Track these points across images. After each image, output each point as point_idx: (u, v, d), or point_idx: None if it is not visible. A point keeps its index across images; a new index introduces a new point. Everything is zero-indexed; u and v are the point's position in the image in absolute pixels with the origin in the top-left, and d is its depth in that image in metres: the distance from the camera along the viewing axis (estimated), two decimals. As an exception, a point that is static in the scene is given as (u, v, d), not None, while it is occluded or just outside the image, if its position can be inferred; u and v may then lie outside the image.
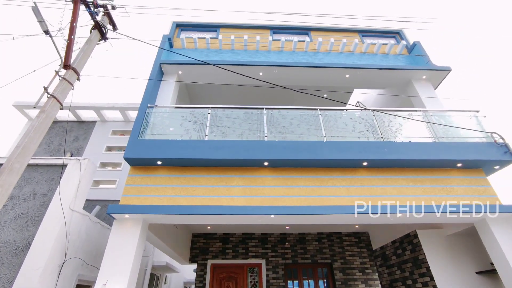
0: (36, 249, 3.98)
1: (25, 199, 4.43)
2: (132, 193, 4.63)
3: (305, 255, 9.06)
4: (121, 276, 3.93)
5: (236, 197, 4.62)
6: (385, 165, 5.04)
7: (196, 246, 8.99)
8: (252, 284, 8.48)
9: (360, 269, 8.88)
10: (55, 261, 4.16)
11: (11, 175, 3.09)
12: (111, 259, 4.07)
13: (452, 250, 5.86)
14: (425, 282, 5.74)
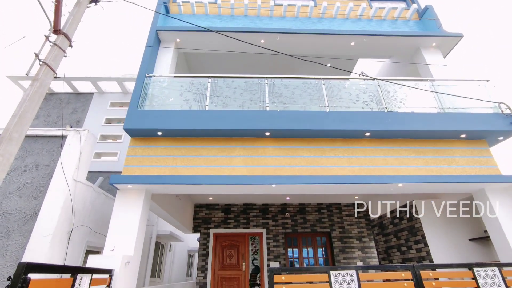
0: (44, 217, 4.08)
1: (28, 169, 4.46)
2: (134, 164, 4.64)
3: (305, 224, 9.35)
4: (127, 243, 4.06)
5: (238, 167, 4.63)
6: (388, 136, 4.99)
7: (198, 217, 9.26)
8: (254, 251, 8.85)
9: (358, 237, 9.21)
10: (63, 228, 4.28)
11: (11, 144, 3.05)
12: (116, 227, 4.19)
13: (447, 219, 6.00)
14: (419, 249, 5.96)
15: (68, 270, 2.31)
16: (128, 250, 3.99)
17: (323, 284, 3.56)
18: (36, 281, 1.75)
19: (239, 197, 8.86)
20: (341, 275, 3.59)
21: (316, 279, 3.69)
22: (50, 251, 3.93)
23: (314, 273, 3.87)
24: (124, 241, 4.07)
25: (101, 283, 3.18)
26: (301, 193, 5.17)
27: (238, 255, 8.71)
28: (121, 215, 4.29)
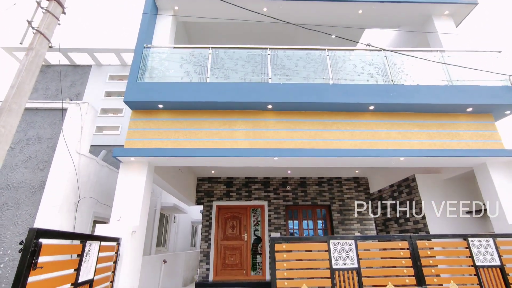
0: (50, 189, 4.17)
1: (31, 142, 4.48)
2: (136, 137, 4.64)
3: (306, 197, 9.55)
4: (133, 213, 4.18)
5: (240, 140, 4.62)
6: (392, 110, 4.91)
7: (201, 190, 9.46)
8: (255, 223, 9.14)
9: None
10: (70, 199, 4.39)
11: (11, 116, 3.03)
12: (121, 199, 4.29)
13: (446, 193, 6.10)
14: (417, 221, 6.12)
15: (78, 237, 2.39)
16: (134, 220, 4.12)
17: (322, 253, 3.70)
18: (48, 246, 1.81)
19: (241, 171, 8.97)
20: (340, 244, 3.72)
21: (316, 248, 3.83)
22: (59, 220, 4.07)
23: (314, 242, 4.02)
24: (130, 212, 4.19)
25: (110, 250, 3.32)
26: (303, 166, 5.20)
27: (240, 226, 9.02)
28: (125, 187, 4.37)
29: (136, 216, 4.18)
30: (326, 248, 3.69)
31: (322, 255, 3.69)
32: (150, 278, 5.75)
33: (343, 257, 3.66)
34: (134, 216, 4.17)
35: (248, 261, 8.59)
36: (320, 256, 3.70)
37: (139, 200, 4.29)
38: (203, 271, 8.41)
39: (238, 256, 8.66)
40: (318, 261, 3.70)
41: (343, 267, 3.60)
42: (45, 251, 1.80)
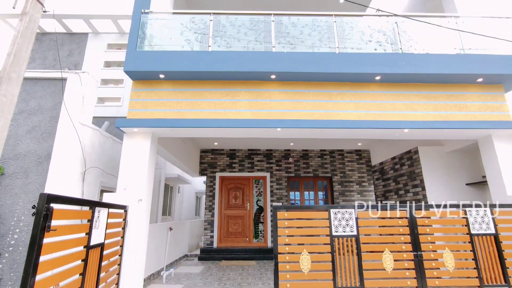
0: (56, 159, 4.24)
1: (33, 113, 4.47)
2: (138, 108, 4.60)
3: (307, 169, 9.68)
4: (138, 183, 4.28)
5: (243, 111, 4.58)
6: (398, 80, 4.77)
7: (204, 161, 9.59)
8: (258, 193, 9.38)
9: (358, 182, 9.61)
10: (76, 169, 4.48)
11: (11, 85, 2.99)
12: (126, 169, 4.37)
13: (447, 165, 6.14)
14: (416, 192, 6.24)
15: (87, 203, 2.47)
16: (140, 189, 4.23)
17: (323, 221, 3.83)
18: (59, 211, 1.88)
19: (243, 143, 9.03)
20: (340, 213, 3.83)
21: (317, 216, 3.95)
22: (67, 190, 4.19)
23: (315, 211, 4.14)
24: (135, 182, 4.29)
25: (118, 217, 3.45)
26: (306, 137, 5.21)
27: (243, 196, 9.27)
28: (130, 157, 4.43)
29: (141, 186, 4.28)
30: (326, 217, 3.81)
31: (322, 223, 3.81)
32: (157, 244, 6.05)
33: (343, 225, 3.79)
34: (139, 185, 4.28)
35: (250, 229, 8.95)
36: (321, 224, 3.83)
37: (144, 170, 4.37)
38: (208, 238, 8.82)
39: (241, 224, 9.01)
40: (318, 228, 3.84)
41: (342, 234, 3.74)
42: (57, 215, 1.86)
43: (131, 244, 3.93)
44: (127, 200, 4.06)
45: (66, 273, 2.13)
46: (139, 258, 4.05)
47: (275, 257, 3.64)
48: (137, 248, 4.02)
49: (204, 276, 5.97)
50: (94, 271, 2.62)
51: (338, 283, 3.57)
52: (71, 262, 2.17)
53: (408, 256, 3.69)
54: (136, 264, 3.97)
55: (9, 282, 3.74)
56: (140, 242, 4.09)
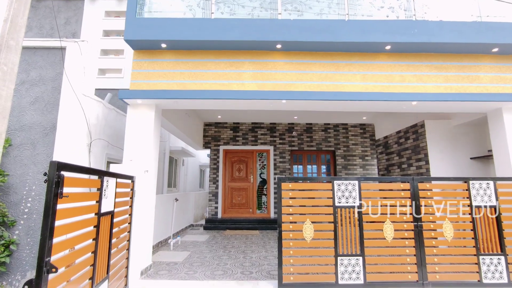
0: (62, 131, 4.25)
1: (35, 83, 4.41)
2: (141, 79, 4.51)
3: (311, 143, 9.69)
4: (143, 155, 4.32)
5: (247, 82, 4.48)
6: (409, 50, 4.57)
7: (208, 134, 9.61)
8: (261, 166, 9.49)
9: (361, 156, 9.65)
10: (82, 141, 4.51)
11: (10, 52, 2.90)
12: (132, 141, 4.39)
13: (453, 139, 6.09)
14: (420, 166, 6.26)
15: (96, 172, 2.51)
16: (145, 161, 4.29)
17: (326, 192, 3.89)
18: (69, 178, 1.92)
19: (247, 116, 8.96)
20: (344, 185, 3.88)
21: (320, 188, 4.02)
22: (74, 161, 4.25)
23: (319, 182, 4.20)
24: (141, 153, 4.33)
25: (126, 187, 3.53)
26: (312, 110, 5.12)
27: (247, 169, 9.41)
28: (135, 129, 4.43)
29: (147, 157, 4.33)
30: (330, 188, 3.87)
31: (326, 194, 3.89)
32: (164, 214, 6.27)
33: (346, 196, 3.86)
34: (145, 156, 4.33)
35: (254, 200, 9.19)
36: (324, 195, 3.90)
37: (149, 141, 4.39)
38: (212, 209, 9.10)
39: (245, 196, 9.24)
40: (322, 199, 3.92)
41: (345, 205, 3.83)
42: (68, 182, 1.90)
43: (139, 213, 4.06)
44: (134, 171, 4.13)
45: (80, 238, 2.22)
46: (148, 226, 4.21)
47: (279, 226, 3.77)
48: (146, 217, 4.16)
49: (209, 244, 6.24)
50: (106, 237, 2.73)
51: (340, 250, 3.72)
52: (84, 228, 2.26)
53: (408, 226, 3.79)
54: (145, 232, 4.14)
55: (27, 246, 3.94)
56: (148, 211, 4.23)
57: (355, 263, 3.68)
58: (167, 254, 5.30)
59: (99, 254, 2.54)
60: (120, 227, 3.29)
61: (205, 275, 4.08)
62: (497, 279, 3.65)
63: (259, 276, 4.06)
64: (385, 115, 8.22)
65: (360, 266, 3.67)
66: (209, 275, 4.08)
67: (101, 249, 2.61)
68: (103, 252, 2.66)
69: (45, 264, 1.63)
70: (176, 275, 4.10)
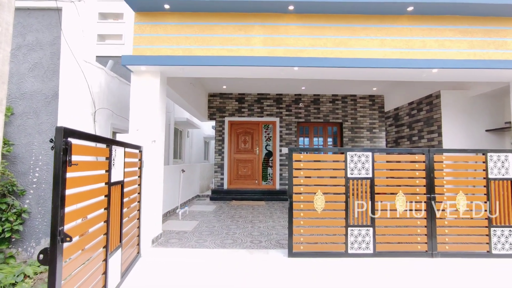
0: (65, 99, 4.09)
1: (32, 48, 4.16)
2: (144, 44, 4.24)
3: (318, 115, 9.47)
4: (150, 124, 4.19)
5: (257, 48, 4.19)
6: (432, 12, 4.19)
7: (213, 105, 9.39)
8: (267, 138, 9.38)
9: (368, 128, 9.46)
10: (86, 110, 4.37)
11: (3, 10, 2.64)
12: (137, 110, 4.23)
13: (469, 111, 5.86)
14: (431, 138, 6.10)
15: (104, 141, 2.40)
16: (152, 130, 4.16)
17: (338, 163, 3.80)
18: (77, 146, 1.80)
19: (253, 86, 8.67)
20: (357, 156, 3.77)
21: (332, 159, 3.91)
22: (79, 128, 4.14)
23: (332, 153, 4.09)
24: (147, 122, 4.20)
25: (134, 157, 3.45)
26: (324, 78, 4.85)
27: (252, 141, 9.31)
28: (140, 98, 4.25)
29: (154, 126, 4.20)
30: (342, 159, 3.77)
31: (338, 165, 3.79)
32: (171, 185, 6.29)
33: (359, 167, 3.77)
34: (152, 126, 4.20)
35: (259, 172, 9.21)
36: (336, 166, 3.81)
37: (155, 110, 4.24)
38: (218, 181, 9.17)
39: (250, 168, 9.25)
40: (334, 170, 3.84)
41: (357, 177, 3.75)
42: (76, 150, 1.79)
43: (148, 183, 4.03)
44: (141, 141, 4.03)
45: (92, 207, 2.17)
46: (157, 196, 4.20)
47: (289, 197, 3.73)
48: (155, 187, 4.14)
49: (217, 214, 6.34)
50: (117, 207, 2.69)
51: (350, 221, 3.72)
52: (95, 197, 2.20)
53: (421, 198, 3.74)
54: (155, 201, 4.14)
55: (38, 215, 3.99)
56: (157, 181, 4.20)
57: (365, 233, 3.69)
58: (176, 223, 5.39)
59: (112, 223, 2.52)
60: (130, 197, 3.26)
61: (215, 244, 4.14)
62: (507, 250, 3.66)
63: (268, 245, 4.11)
64: (397, 85, 7.89)
65: (370, 236, 3.68)
66: (219, 244, 4.14)
67: (113, 218, 2.58)
68: (115, 221, 2.64)
69: (59, 233, 1.57)
70: (187, 243, 4.17)
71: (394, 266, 3.42)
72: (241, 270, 3.22)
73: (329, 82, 8.11)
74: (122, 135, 3.98)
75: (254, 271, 3.21)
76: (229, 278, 3.01)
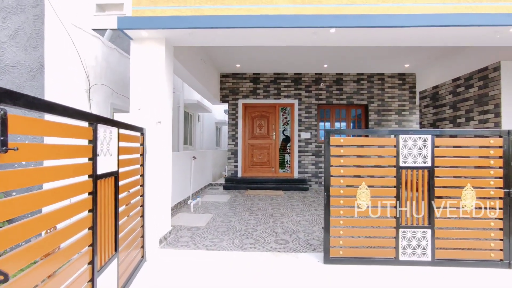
0: (52, 72, 3.42)
1: (13, 11, 3.46)
2: (145, 4, 3.45)
3: (341, 96, 8.56)
4: (154, 102, 3.48)
5: (282, 7, 3.34)
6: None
7: (225, 87, 8.61)
8: (284, 122, 8.58)
9: (397, 111, 8.52)
10: (79, 85, 3.70)
11: None
12: (139, 84, 3.51)
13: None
14: (485, 119, 5.16)
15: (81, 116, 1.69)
16: (157, 109, 3.46)
17: (388, 149, 3.01)
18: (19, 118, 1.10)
19: (269, 65, 7.80)
20: (412, 140, 2.97)
21: (381, 143, 3.13)
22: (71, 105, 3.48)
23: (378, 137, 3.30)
24: (151, 100, 3.49)
25: (134, 141, 2.76)
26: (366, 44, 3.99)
27: (268, 125, 8.54)
28: (142, 69, 3.53)
29: (159, 105, 3.49)
30: (394, 144, 2.98)
31: (387, 152, 3.02)
32: (182, 173, 5.66)
33: (414, 154, 2.97)
34: (157, 104, 3.48)
35: (276, 159, 8.49)
36: (385, 153, 3.04)
37: (160, 86, 3.51)
38: (232, 168, 8.51)
39: (266, 154, 8.53)
40: (382, 158, 3.06)
41: (412, 166, 2.96)
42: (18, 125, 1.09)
43: (153, 172, 3.37)
44: (144, 122, 3.34)
45: (66, 211, 1.49)
46: (165, 187, 3.56)
47: (326, 190, 2.99)
48: (162, 177, 3.49)
49: (232, 206, 5.70)
50: (109, 205, 2.04)
51: (402, 221, 2.97)
52: (70, 196, 1.52)
53: (496, 193, 2.93)
54: (162, 194, 3.50)
55: None
56: (164, 170, 3.54)
57: (421, 236, 2.94)
58: (187, 216, 4.78)
59: (101, 228, 1.87)
60: (129, 191, 2.60)
61: (233, 244, 3.49)
62: None
63: (297, 247, 3.43)
64: (436, 60, 6.86)
65: (428, 240, 2.93)
66: (238, 244, 3.49)
67: (104, 221, 1.93)
68: (107, 225, 1.99)
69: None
70: (200, 243, 3.53)
71: (458, 278, 2.68)
72: (267, 280, 2.56)
73: (354, 59, 7.17)
74: (121, 115, 3.31)
75: (284, 281, 2.54)
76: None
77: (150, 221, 3.26)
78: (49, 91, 3.36)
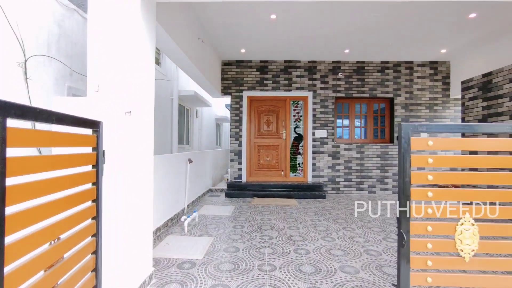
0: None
1: None
2: None
3: (362, 88, 7.33)
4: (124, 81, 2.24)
5: None
6: None
7: (227, 76, 7.37)
8: (296, 118, 7.36)
9: (428, 105, 7.31)
10: (4, 54, 2.46)
11: None
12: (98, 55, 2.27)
13: None
14: None
15: None
16: (127, 92, 2.23)
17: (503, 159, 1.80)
18: None
19: (278, 51, 6.57)
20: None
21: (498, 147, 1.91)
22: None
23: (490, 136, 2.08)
24: (116, 79, 2.25)
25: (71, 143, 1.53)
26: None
27: (278, 121, 7.32)
28: (104, 30, 2.29)
29: (129, 86, 2.26)
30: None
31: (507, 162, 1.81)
32: (173, 181, 4.45)
33: (550, 166, 1.75)
34: (127, 85, 2.25)
35: (287, 161, 7.28)
36: (500, 163, 1.83)
37: (133, 56, 2.28)
38: (235, 171, 7.30)
39: (275, 156, 7.31)
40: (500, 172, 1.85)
41: (549, 185, 1.75)
42: None
43: (120, 188, 2.15)
44: (103, 112, 2.12)
45: None
46: (142, 209, 2.35)
47: (398, 222, 1.78)
48: (135, 193, 2.27)
49: (237, 222, 4.50)
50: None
51: (533, 277, 1.75)
52: None
53: None
54: (137, 220, 2.29)
55: None
56: (140, 182, 2.32)
57: None
58: (179, 242, 3.57)
59: None
60: (59, 237, 1.38)
61: (245, 299, 2.28)
62: None
63: (343, 305, 2.22)
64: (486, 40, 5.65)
65: None
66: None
67: None
68: None
69: None
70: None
71: None
72: None
73: (378, 43, 5.98)
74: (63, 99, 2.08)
75: None
76: None
77: (111, 271, 2.05)
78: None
